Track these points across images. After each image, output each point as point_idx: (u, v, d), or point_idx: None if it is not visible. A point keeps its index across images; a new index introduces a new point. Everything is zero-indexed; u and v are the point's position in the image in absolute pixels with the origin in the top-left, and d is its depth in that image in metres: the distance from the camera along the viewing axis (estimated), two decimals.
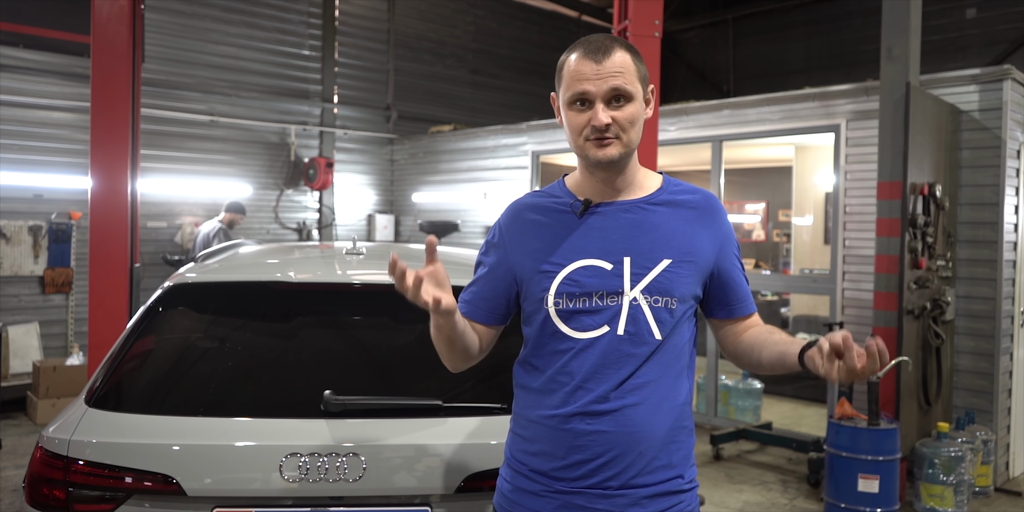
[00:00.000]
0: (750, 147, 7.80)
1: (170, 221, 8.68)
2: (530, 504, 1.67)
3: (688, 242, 1.69)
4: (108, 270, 4.53)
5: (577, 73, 1.62)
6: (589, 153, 1.64)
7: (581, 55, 1.63)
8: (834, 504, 4.46)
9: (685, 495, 1.68)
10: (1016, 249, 5.40)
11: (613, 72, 1.60)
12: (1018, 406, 5.54)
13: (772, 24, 13.15)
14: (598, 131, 1.61)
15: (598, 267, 1.64)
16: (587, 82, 1.60)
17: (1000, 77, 5.21)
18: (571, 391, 1.63)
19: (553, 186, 1.81)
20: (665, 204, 1.72)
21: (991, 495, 5.12)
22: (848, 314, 5.89)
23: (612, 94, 1.61)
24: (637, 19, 5.09)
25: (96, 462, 2.05)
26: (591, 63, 1.60)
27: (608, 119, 1.60)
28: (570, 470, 1.61)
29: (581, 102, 1.62)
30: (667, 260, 1.66)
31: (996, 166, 5.24)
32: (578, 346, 1.63)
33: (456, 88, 11.79)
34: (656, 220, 1.69)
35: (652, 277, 1.64)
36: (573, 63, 1.63)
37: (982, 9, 10.69)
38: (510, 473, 1.74)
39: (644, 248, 1.66)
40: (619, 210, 1.70)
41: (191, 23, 8.93)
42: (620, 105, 1.62)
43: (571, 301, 1.64)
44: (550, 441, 1.64)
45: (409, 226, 10.49)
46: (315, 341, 2.39)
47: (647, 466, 1.62)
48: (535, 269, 1.68)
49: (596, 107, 1.60)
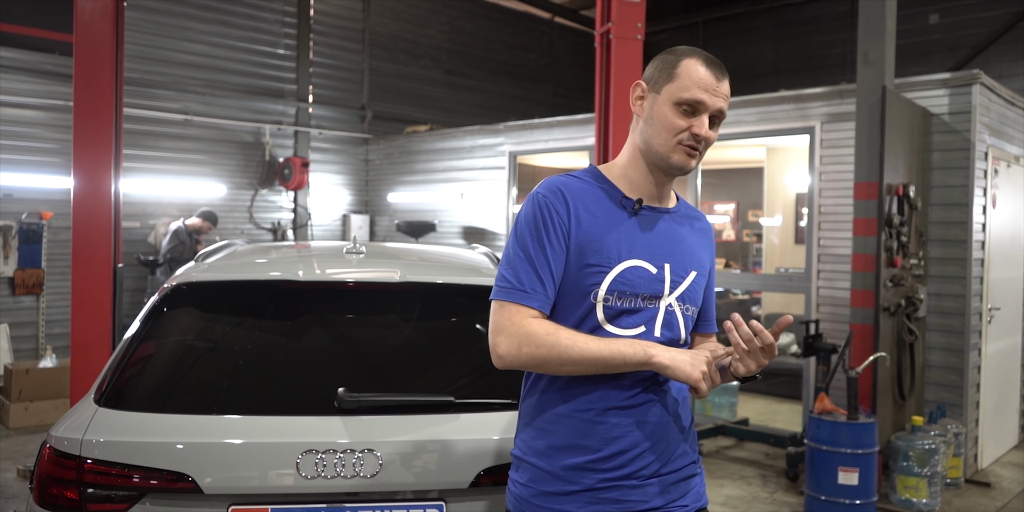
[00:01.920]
0: (723, 148, 7.93)
1: (143, 221, 8.58)
2: (558, 505, 1.65)
3: (702, 258, 1.81)
4: (91, 270, 4.49)
5: (700, 81, 1.65)
6: (674, 157, 1.68)
7: (705, 64, 1.66)
8: (815, 497, 4.57)
9: (698, 478, 1.81)
10: (984, 248, 5.57)
11: (725, 94, 1.69)
12: (987, 400, 5.72)
13: (741, 27, 13.36)
14: (695, 140, 1.67)
15: (645, 269, 1.69)
16: (707, 93, 1.65)
17: (969, 81, 5.38)
18: (608, 386, 1.66)
19: (590, 174, 1.77)
20: (685, 218, 1.83)
21: (962, 486, 5.28)
22: (823, 312, 6.03)
23: (717, 113, 1.68)
24: (620, 22, 5.17)
25: (110, 461, 2.05)
26: (714, 77, 1.66)
27: (708, 133, 1.67)
28: (606, 462, 1.65)
29: (688, 107, 1.66)
30: (695, 272, 1.77)
31: (965, 168, 5.40)
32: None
33: (431, 88, 11.80)
34: (683, 233, 1.79)
35: (686, 286, 1.75)
36: (696, 68, 1.66)
37: (944, 15, 10.99)
38: (529, 476, 1.70)
39: (679, 257, 1.75)
40: (658, 217, 1.76)
41: (165, 21, 8.83)
42: (715, 126, 1.70)
43: (620, 300, 1.66)
44: (584, 434, 1.66)
45: (385, 226, 10.48)
46: (325, 339, 2.41)
47: (673, 454, 1.72)
48: (587, 260, 1.65)
49: (703, 118, 1.66)
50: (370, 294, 2.51)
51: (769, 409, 7.32)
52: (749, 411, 7.01)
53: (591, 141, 7.38)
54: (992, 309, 5.74)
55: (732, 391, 6.86)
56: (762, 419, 6.81)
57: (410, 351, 2.43)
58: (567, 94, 13.65)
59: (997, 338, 5.88)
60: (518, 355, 1.61)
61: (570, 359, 1.58)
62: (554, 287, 1.66)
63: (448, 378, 2.34)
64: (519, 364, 1.63)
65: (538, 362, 1.61)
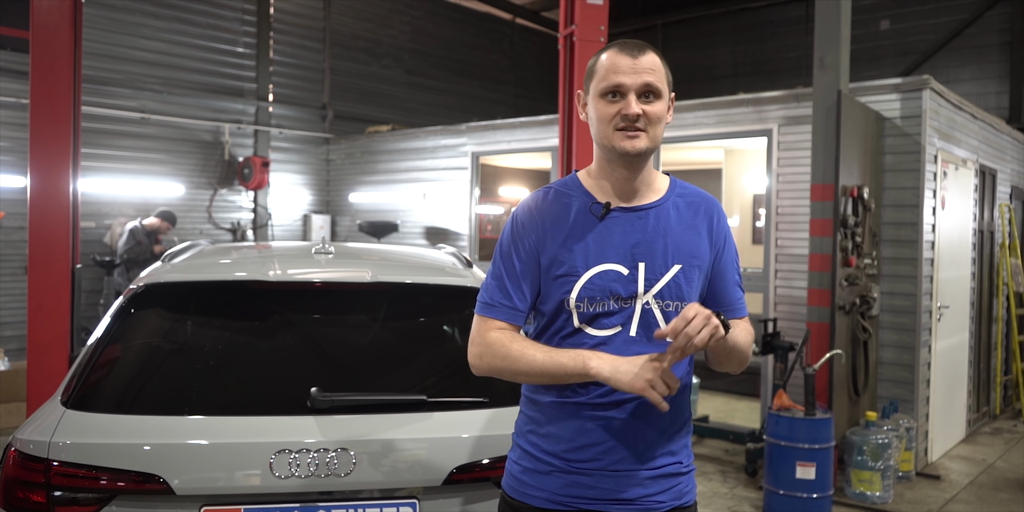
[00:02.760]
0: (682, 150, 8.06)
1: (99, 221, 8.42)
2: (538, 482, 1.74)
3: (693, 247, 1.76)
4: (49, 271, 4.41)
5: (613, 66, 1.68)
6: (616, 144, 1.69)
7: (617, 51, 1.70)
8: (773, 491, 4.68)
9: (683, 478, 1.79)
10: (934, 248, 5.75)
11: (647, 68, 1.68)
12: (936, 396, 5.90)
13: (700, 31, 13.57)
14: (629, 121, 1.67)
15: (616, 272, 1.70)
16: (623, 75, 1.67)
17: (920, 86, 5.55)
18: (583, 383, 1.69)
19: (568, 183, 1.82)
20: (674, 208, 1.78)
21: (913, 479, 5.45)
22: (780, 310, 6.17)
23: (644, 89, 1.68)
24: (583, 24, 5.23)
25: (79, 463, 2.04)
26: (627, 58, 1.68)
27: (640, 110, 1.67)
28: (578, 452, 1.71)
29: (613, 94, 1.68)
30: (677, 266, 1.73)
31: (916, 170, 5.57)
32: (593, 342, 1.70)
33: (392, 88, 11.77)
34: (667, 225, 1.75)
35: (664, 283, 1.71)
36: (608, 58, 1.71)
37: (895, 21, 11.30)
38: (519, 454, 1.80)
39: (657, 254, 1.72)
40: (634, 216, 1.75)
41: (120, 17, 8.67)
42: (650, 101, 1.69)
43: (592, 305, 1.70)
44: (560, 425, 1.73)
45: (346, 226, 10.42)
46: (297, 339, 2.41)
47: (652, 452, 1.73)
48: (558, 271, 1.72)
49: (629, 98, 1.67)
50: (341, 294, 2.52)
51: (728, 406, 7.46)
52: (709, 408, 7.13)
53: (554, 142, 7.44)
54: (941, 307, 5.93)
55: (692, 389, 6.94)
56: (721, 416, 6.94)
57: (382, 351, 2.45)
58: (528, 95, 13.71)
59: (946, 335, 6.07)
60: (480, 364, 1.75)
61: (520, 370, 1.68)
62: (524, 299, 1.75)
63: (420, 377, 2.37)
64: (485, 372, 1.76)
65: (497, 371, 1.73)
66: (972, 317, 6.79)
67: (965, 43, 10.75)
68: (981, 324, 7.04)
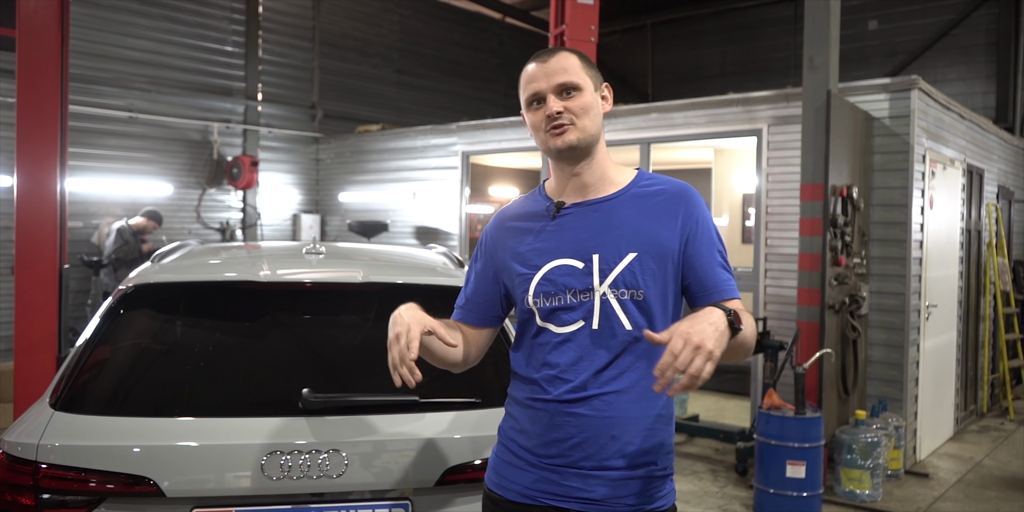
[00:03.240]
0: (672, 149, 8.06)
1: (86, 221, 8.36)
2: (512, 476, 1.79)
3: (653, 234, 1.73)
4: (36, 272, 4.38)
5: (528, 77, 1.78)
6: (550, 143, 1.75)
7: (532, 62, 1.80)
8: (763, 490, 4.69)
9: (658, 481, 1.74)
10: (923, 247, 5.78)
11: (559, 69, 1.75)
12: (925, 394, 5.94)
13: (689, 30, 13.60)
14: (552, 119, 1.73)
15: (571, 266, 1.74)
16: (536, 82, 1.76)
17: (908, 87, 5.58)
18: (552, 379, 1.74)
19: (535, 191, 1.91)
20: (634, 198, 1.77)
21: (902, 477, 5.48)
22: (770, 309, 6.19)
23: (561, 88, 1.74)
24: (574, 24, 5.25)
25: (68, 466, 2.02)
26: (539, 64, 1.77)
27: (560, 107, 1.72)
28: (547, 447, 1.73)
29: (537, 101, 1.77)
30: (633, 254, 1.71)
31: (905, 170, 5.60)
32: (557, 340, 1.74)
33: (382, 87, 11.73)
34: (624, 215, 1.75)
35: (617, 272, 1.71)
36: (525, 71, 1.80)
37: (883, 21, 11.36)
38: (499, 448, 1.87)
39: (611, 244, 1.73)
40: (588, 209, 1.77)
41: (108, 15, 8.61)
42: (571, 96, 1.74)
43: (548, 300, 1.74)
44: (531, 420, 1.77)
45: (336, 226, 10.39)
46: (288, 340, 2.40)
47: (620, 450, 1.70)
48: (516, 272, 1.80)
49: (548, 101, 1.74)
50: (332, 294, 2.50)
51: (718, 405, 7.48)
52: (699, 407, 7.15)
53: None
54: (929, 306, 5.96)
55: None
56: (711, 415, 6.96)
57: (374, 351, 2.43)
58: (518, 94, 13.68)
59: (934, 334, 6.11)
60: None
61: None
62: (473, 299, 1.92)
63: None
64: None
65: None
66: (960, 316, 6.83)
67: (952, 43, 10.82)
68: (969, 323, 7.09)
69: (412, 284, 2.61)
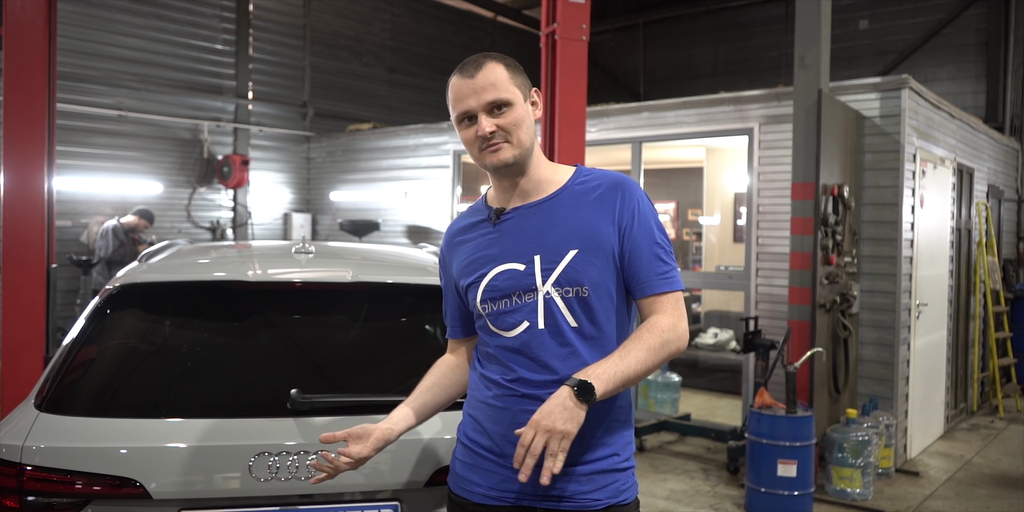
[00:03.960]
0: (664, 149, 8.07)
1: (75, 220, 8.31)
2: (476, 478, 1.79)
3: (592, 229, 1.73)
4: (23, 271, 4.33)
5: (457, 92, 1.74)
6: (487, 161, 1.75)
7: (457, 76, 1.75)
8: (755, 489, 4.70)
9: (621, 474, 1.77)
10: (913, 246, 5.80)
11: (486, 85, 1.71)
12: (915, 393, 5.95)
13: (680, 29, 13.61)
14: (485, 139, 1.72)
15: (513, 270, 1.76)
16: (466, 99, 1.72)
17: (899, 86, 5.59)
18: (511, 380, 1.76)
19: (478, 202, 1.93)
20: (571, 196, 1.78)
21: (892, 476, 5.49)
22: (761, 309, 6.19)
23: (491, 105, 1.72)
24: (565, 23, 5.21)
25: (53, 468, 2.00)
26: (466, 80, 1.73)
27: (492, 127, 1.71)
28: (510, 447, 1.71)
29: (468, 118, 1.74)
30: (574, 251, 1.72)
31: (895, 169, 5.61)
32: (508, 342, 1.77)
33: (373, 86, 11.70)
34: (563, 213, 1.76)
35: (560, 270, 1.72)
36: (452, 85, 1.76)
37: (874, 21, 11.39)
38: (460, 451, 1.86)
39: (551, 244, 1.74)
40: (528, 212, 1.79)
41: (97, 13, 8.56)
42: (502, 112, 1.72)
43: (495, 304, 1.78)
44: (493, 420, 1.78)
45: (327, 225, 10.36)
46: (276, 340, 2.38)
47: (584, 445, 1.72)
48: (465, 282, 1.84)
49: (480, 120, 1.72)
50: (321, 294, 2.49)
51: (710, 404, 7.48)
52: (691, 406, 7.15)
53: None
54: (920, 305, 5.98)
55: (674, 387, 6.98)
56: (703, 414, 6.96)
57: (363, 351, 2.42)
58: None
59: (925, 333, 6.13)
60: None
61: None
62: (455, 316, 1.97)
63: (401, 378, 2.34)
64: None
65: None
66: (950, 314, 6.86)
67: (942, 43, 10.85)
68: (959, 321, 7.11)
69: (401, 284, 2.59)
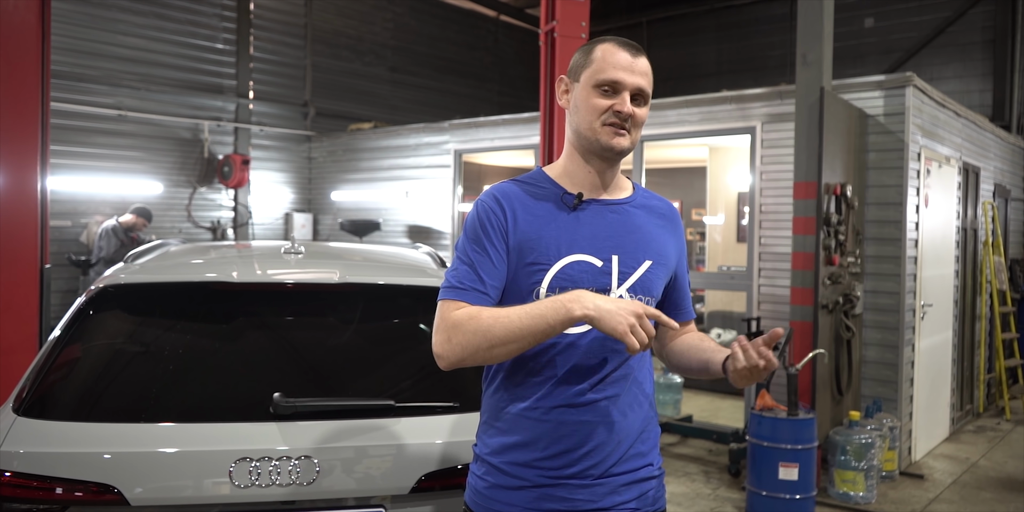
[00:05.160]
0: (666, 148, 8.00)
1: (75, 220, 8.28)
2: (506, 498, 1.65)
3: (662, 246, 1.76)
4: (16, 272, 4.30)
5: (616, 61, 1.66)
6: (602, 138, 1.66)
7: (619, 45, 1.68)
8: (756, 492, 4.63)
9: (654, 481, 1.75)
10: (917, 246, 5.72)
11: (644, 71, 1.69)
12: (920, 394, 5.88)
13: (684, 28, 13.53)
14: (619, 118, 1.65)
15: (589, 263, 1.66)
16: (622, 71, 1.65)
17: (903, 84, 5.51)
18: (555, 384, 1.63)
19: (534, 176, 1.77)
20: (642, 208, 1.78)
21: (896, 479, 5.42)
22: (764, 309, 6.12)
23: (637, 91, 1.67)
24: (565, 20, 5.17)
25: (30, 473, 1.95)
26: (628, 56, 1.67)
27: (632, 110, 1.66)
28: (553, 460, 1.63)
29: (608, 88, 1.66)
30: (649, 261, 1.72)
31: (900, 168, 5.54)
32: (565, 341, 1.63)
33: (375, 85, 11.65)
34: (637, 222, 1.75)
35: (637, 277, 1.69)
36: (608, 51, 1.68)
37: (879, 19, 11.30)
38: (484, 469, 1.71)
39: (629, 248, 1.70)
40: (606, 209, 1.73)
41: (96, 12, 8.53)
42: (639, 104, 1.69)
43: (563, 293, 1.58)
44: (532, 432, 1.64)
45: (328, 225, 10.32)
46: (260, 343, 2.33)
47: (624, 455, 1.67)
48: (526, 259, 1.64)
49: (624, 96, 1.65)
50: (308, 295, 2.44)
51: (712, 406, 7.42)
52: (693, 408, 7.09)
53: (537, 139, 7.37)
54: (925, 306, 5.91)
55: (676, 388, 6.92)
56: (705, 415, 6.90)
57: (350, 354, 2.37)
58: (513, 92, 13.63)
59: (929, 334, 6.05)
60: (451, 348, 1.56)
61: (497, 338, 1.52)
62: (496, 285, 1.63)
63: (389, 381, 2.29)
64: (455, 358, 1.56)
65: (470, 351, 1.54)
66: (956, 315, 6.78)
67: (948, 41, 10.76)
68: (964, 322, 7.03)
69: (392, 285, 2.54)
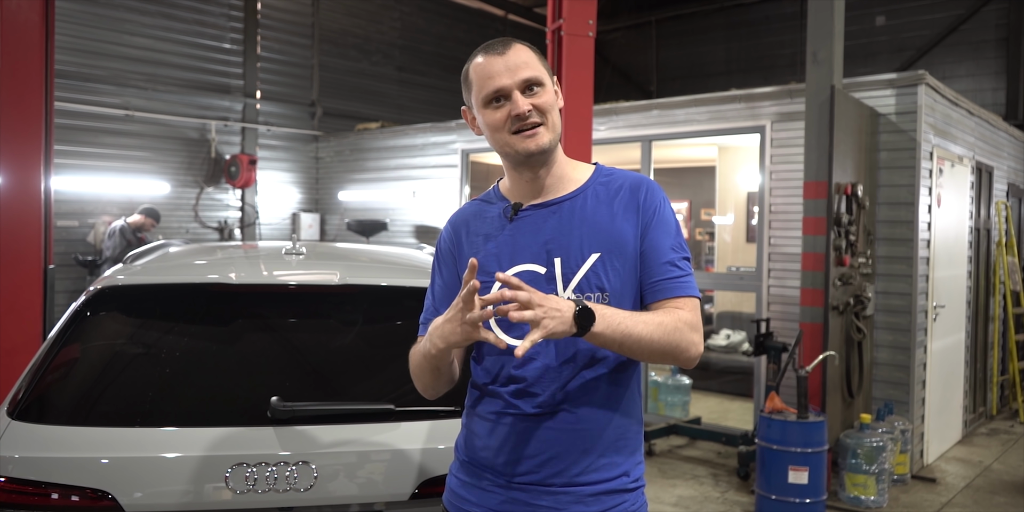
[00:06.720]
0: (675, 147, 7.94)
1: (82, 220, 8.29)
2: (477, 499, 1.66)
3: (615, 231, 1.64)
4: (19, 272, 4.28)
5: (486, 72, 1.60)
6: (519, 147, 1.60)
7: (485, 55, 1.62)
8: (765, 496, 4.57)
9: (630, 494, 1.66)
10: (930, 246, 5.65)
11: (521, 63, 1.60)
12: (932, 397, 5.80)
13: (693, 27, 13.45)
14: (521, 119, 1.58)
15: (532, 272, 1.62)
16: (498, 77, 1.59)
17: (915, 82, 5.44)
18: (519, 393, 1.62)
19: (488, 192, 1.78)
20: (593, 195, 1.68)
21: (908, 482, 5.34)
22: (773, 310, 6.05)
23: (526, 84, 1.59)
24: (571, 18, 5.11)
25: (23, 479, 1.92)
26: (496, 57, 1.60)
27: (528, 106, 1.58)
28: (514, 465, 1.61)
29: (497, 99, 1.60)
30: (596, 255, 1.62)
31: (911, 167, 5.46)
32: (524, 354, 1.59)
33: (382, 85, 11.63)
34: (584, 214, 1.65)
35: (581, 275, 1.61)
36: (477, 66, 1.62)
37: (891, 17, 11.20)
38: (458, 468, 1.73)
39: (574, 246, 1.62)
40: (546, 212, 1.66)
41: (103, 12, 8.53)
42: (535, 93, 1.60)
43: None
44: (497, 437, 1.64)
45: (335, 225, 10.30)
46: (259, 345, 2.29)
47: (591, 465, 1.61)
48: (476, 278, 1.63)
49: (514, 98, 1.58)
50: (308, 297, 2.40)
51: (721, 407, 7.35)
52: (701, 409, 7.03)
53: None
54: (937, 307, 5.83)
55: (685, 390, 6.86)
56: (714, 417, 6.83)
57: (349, 357, 2.33)
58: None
59: (942, 335, 5.97)
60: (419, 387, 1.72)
61: (416, 375, 1.68)
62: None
63: (389, 385, 2.24)
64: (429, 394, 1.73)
65: (421, 385, 1.70)
66: (968, 316, 6.69)
67: (961, 39, 10.65)
68: (977, 323, 6.94)
69: (394, 287, 2.50)
